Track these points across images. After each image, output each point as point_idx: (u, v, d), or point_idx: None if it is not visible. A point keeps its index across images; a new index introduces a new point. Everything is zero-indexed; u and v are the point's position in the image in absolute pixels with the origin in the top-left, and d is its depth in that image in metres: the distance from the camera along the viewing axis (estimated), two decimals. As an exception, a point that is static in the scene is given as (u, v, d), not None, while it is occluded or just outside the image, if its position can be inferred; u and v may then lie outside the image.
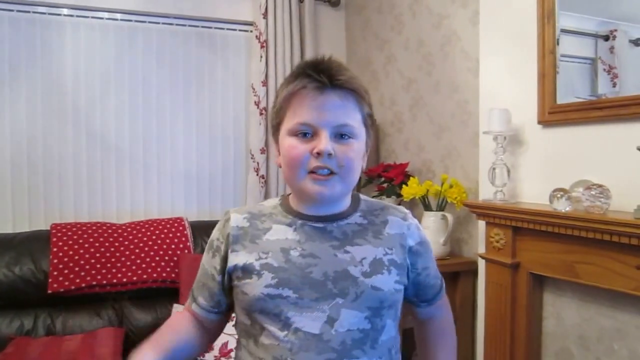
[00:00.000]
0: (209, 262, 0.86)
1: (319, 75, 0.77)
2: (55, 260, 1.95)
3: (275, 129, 0.84)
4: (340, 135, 0.78)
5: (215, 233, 0.86)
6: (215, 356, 1.81)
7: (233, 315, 0.90)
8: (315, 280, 0.77)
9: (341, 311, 0.76)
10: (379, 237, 0.84)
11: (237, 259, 0.81)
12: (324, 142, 0.76)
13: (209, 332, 0.91)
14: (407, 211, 0.91)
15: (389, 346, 0.82)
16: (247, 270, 0.79)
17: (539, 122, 1.58)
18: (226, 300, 0.86)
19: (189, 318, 0.89)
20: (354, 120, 0.79)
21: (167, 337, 0.83)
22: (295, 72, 0.81)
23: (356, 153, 0.79)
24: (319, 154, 0.76)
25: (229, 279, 0.83)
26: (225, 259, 0.83)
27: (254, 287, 0.78)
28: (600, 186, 1.31)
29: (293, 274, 0.78)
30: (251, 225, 0.83)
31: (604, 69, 1.47)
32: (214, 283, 0.85)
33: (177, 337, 0.85)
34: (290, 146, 0.78)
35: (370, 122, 0.84)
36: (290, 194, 0.88)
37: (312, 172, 0.77)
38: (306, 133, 0.78)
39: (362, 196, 0.90)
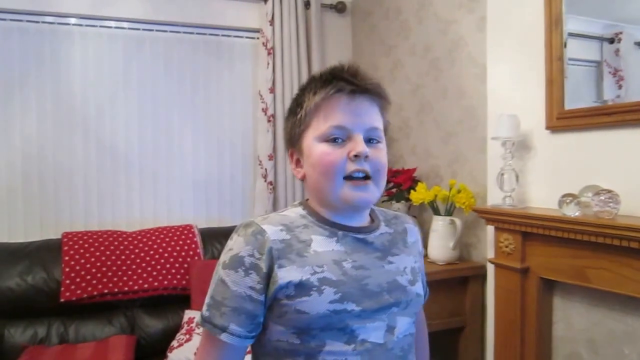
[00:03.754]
0: (240, 282, 0.74)
1: (355, 79, 0.77)
2: (67, 269, 1.96)
3: (297, 137, 0.81)
4: (370, 139, 0.78)
5: (244, 248, 0.75)
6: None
7: None
8: (372, 292, 0.76)
9: (397, 319, 0.78)
10: (406, 246, 0.86)
11: (288, 275, 0.73)
12: (361, 144, 0.76)
13: None
14: (410, 217, 0.95)
15: None
16: (303, 287, 0.73)
17: (547, 128, 1.59)
18: (262, 322, 0.77)
19: None
20: (380, 124, 0.81)
21: None
22: (323, 78, 0.80)
23: (385, 158, 0.80)
24: (356, 156, 0.75)
25: (272, 298, 0.74)
26: (268, 276, 0.74)
27: (316, 304, 0.72)
28: (609, 191, 1.32)
29: (352, 286, 0.75)
30: (292, 238, 0.77)
31: (610, 72, 1.48)
32: (254, 304, 0.74)
33: None
34: (324, 152, 0.77)
35: (387, 130, 0.85)
36: (307, 200, 0.85)
37: (348, 177, 0.76)
38: (337, 138, 0.77)
39: (373, 206, 0.91)
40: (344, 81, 0.77)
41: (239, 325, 0.74)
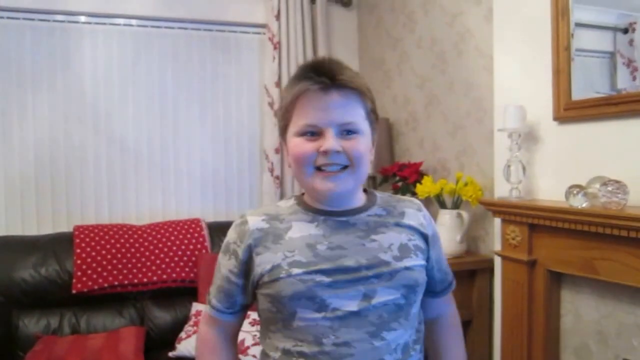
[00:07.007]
0: (225, 265, 0.86)
1: (321, 76, 0.80)
2: (79, 261, 2.00)
3: (282, 130, 0.86)
4: (347, 132, 0.81)
5: (231, 235, 0.86)
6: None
7: (249, 312, 0.92)
8: (348, 268, 0.79)
9: (377, 289, 0.79)
10: (400, 225, 0.87)
11: (263, 261, 0.81)
12: (331, 141, 0.79)
13: (232, 334, 0.93)
14: (419, 202, 0.94)
15: (418, 319, 0.87)
16: (275, 271, 0.80)
17: (555, 119, 1.57)
18: (243, 301, 0.87)
19: (215, 332, 0.90)
20: (358, 116, 0.82)
21: None
22: (297, 75, 0.83)
23: (364, 146, 0.82)
24: (325, 152, 0.79)
25: (254, 283, 0.83)
26: (245, 262, 0.83)
27: (284, 281, 0.79)
28: (617, 182, 1.30)
29: (324, 265, 0.79)
30: (271, 226, 0.84)
31: (623, 63, 1.45)
32: (231, 285, 0.86)
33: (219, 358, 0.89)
34: (297, 144, 0.81)
35: (373, 117, 0.86)
36: (304, 193, 0.90)
37: (319, 168, 0.80)
38: (313, 132, 0.80)
39: (376, 192, 0.93)
40: (312, 79, 0.80)
41: (219, 301, 0.88)
